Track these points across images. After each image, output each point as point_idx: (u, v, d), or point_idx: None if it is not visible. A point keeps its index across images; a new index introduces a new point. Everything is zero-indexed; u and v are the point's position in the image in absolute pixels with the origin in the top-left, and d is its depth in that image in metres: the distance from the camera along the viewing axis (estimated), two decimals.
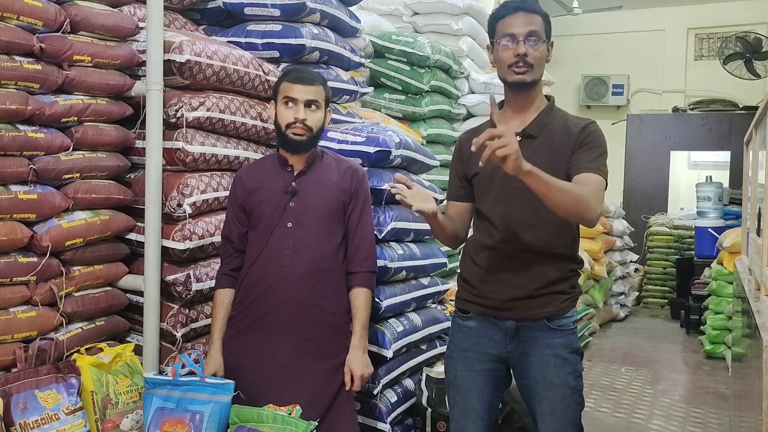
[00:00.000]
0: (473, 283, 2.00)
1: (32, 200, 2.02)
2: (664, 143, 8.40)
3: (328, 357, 2.16)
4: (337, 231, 2.20)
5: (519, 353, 1.95)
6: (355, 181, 2.24)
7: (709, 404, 4.23)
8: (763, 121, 2.51)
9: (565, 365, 1.92)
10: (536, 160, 1.86)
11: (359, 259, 2.23)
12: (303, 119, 2.11)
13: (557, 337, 1.92)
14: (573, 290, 1.97)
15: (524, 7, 1.91)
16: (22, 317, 2.02)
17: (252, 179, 2.21)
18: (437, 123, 4.02)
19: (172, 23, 2.66)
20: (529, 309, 1.92)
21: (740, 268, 3.37)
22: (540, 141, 1.92)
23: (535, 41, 1.89)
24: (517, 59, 1.88)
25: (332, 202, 2.18)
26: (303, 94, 2.13)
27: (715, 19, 9.00)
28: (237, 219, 2.22)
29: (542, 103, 1.98)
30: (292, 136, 2.13)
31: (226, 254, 2.25)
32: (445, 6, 4.31)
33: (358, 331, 2.19)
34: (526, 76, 1.90)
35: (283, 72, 2.33)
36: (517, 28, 1.89)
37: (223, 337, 2.18)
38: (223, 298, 2.21)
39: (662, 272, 7.71)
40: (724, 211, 6.52)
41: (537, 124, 1.94)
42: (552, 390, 1.91)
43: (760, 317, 1.91)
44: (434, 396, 2.74)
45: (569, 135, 1.91)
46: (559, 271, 1.93)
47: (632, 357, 5.37)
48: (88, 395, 2.08)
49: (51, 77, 2.07)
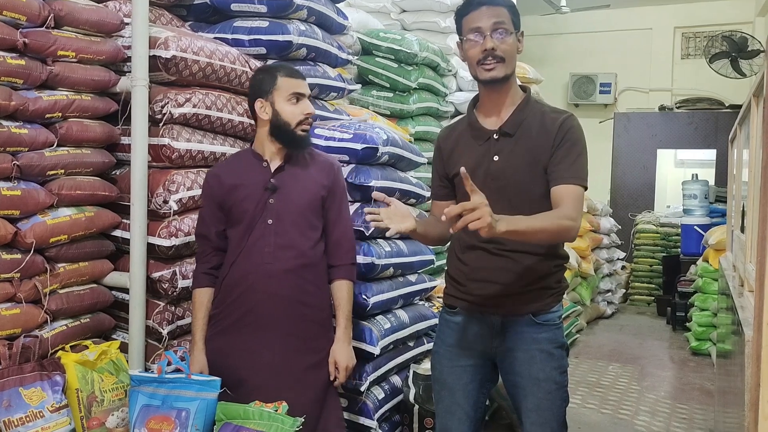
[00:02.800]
0: (459, 280, 2.01)
1: (16, 196, 2.01)
2: (651, 141, 8.45)
3: (313, 352, 2.16)
4: (317, 225, 2.20)
5: (505, 349, 1.95)
6: (332, 175, 2.24)
7: (694, 400, 4.27)
8: (746, 120, 2.53)
9: (550, 360, 1.92)
10: (514, 158, 1.89)
11: (340, 252, 2.24)
12: (313, 113, 2.16)
13: (543, 332, 1.93)
14: (559, 285, 1.98)
15: (488, 1, 1.87)
16: (6, 314, 2.00)
17: (230, 177, 2.17)
18: (425, 120, 4.03)
19: (158, 19, 2.65)
20: (515, 305, 1.92)
21: (725, 264, 3.40)
22: (517, 139, 1.90)
23: (503, 33, 1.85)
24: (485, 54, 1.85)
25: (312, 198, 2.17)
26: (306, 88, 2.16)
27: (701, 18, 9.05)
28: (215, 217, 2.18)
29: (518, 97, 1.95)
30: (302, 133, 2.13)
31: (203, 253, 2.22)
32: (432, 3, 4.32)
33: (343, 323, 2.20)
34: (497, 71, 1.87)
35: (267, 69, 2.22)
36: (482, 21, 1.85)
37: (205, 337, 2.17)
38: (203, 297, 2.19)
39: (649, 269, 7.77)
40: (709, 209, 6.57)
41: (513, 121, 1.91)
42: (537, 385, 1.91)
43: (744, 313, 1.93)
44: (421, 393, 2.74)
45: (546, 132, 1.89)
46: (545, 267, 1.94)
47: (619, 354, 5.41)
48: (73, 393, 2.06)
49: (35, 72, 2.05)
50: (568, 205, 1.80)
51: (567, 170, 1.84)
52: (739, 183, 3.19)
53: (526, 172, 1.88)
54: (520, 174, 1.88)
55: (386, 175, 2.77)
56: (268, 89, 2.13)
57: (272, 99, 2.12)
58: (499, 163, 1.90)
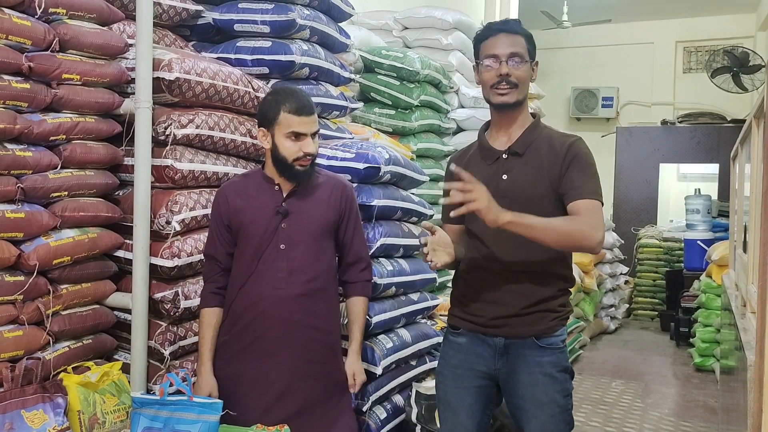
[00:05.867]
0: (463, 301, 2.02)
1: (20, 219, 2.01)
2: (653, 156, 8.46)
3: (321, 377, 2.16)
4: (329, 248, 2.20)
5: (507, 371, 1.95)
6: (345, 198, 2.23)
7: (698, 417, 4.24)
8: (747, 139, 2.53)
9: (553, 383, 1.92)
10: (522, 177, 1.92)
11: (356, 270, 2.28)
12: (314, 153, 2.10)
13: (546, 356, 1.93)
14: (563, 309, 1.98)
15: (506, 29, 1.94)
16: (8, 336, 2.00)
17: (237, 197, 2.16)
18: (427, 137, 4.04)
19: (161, 39, 2.67)
20: (518, 327, 1.93)
21: (728, 283, 3.40)
22: (526, 158, 1.94)
23: (518, 62, 1.91)
24: (499, 79, 1.91)
25: (324, 222, 2.17)
26: (309, 126, 2.09)
27: (703, 33, 9.09)
28: (223, 238, 2.17)
29: (527, 121, 2.00)
30: (300, 168, 2.10)
31: (211, 272, 2.20)
32: (434, 21, 4.34)
33: (358, 337, 2.26)
34: (509, 97, 1.92)
35: (274, 98, 2.12)
36: (499, 48, 1.91)
37: (212, 358, 2.15)
38: (211, 317, 2.17)
39: (652, 284, 7.74)
40: (712, 224, 6.56)
41: (522, 142, 1.96)
42: (540, 408, 1.91)
43: (746, 335, 1.93)
44: (424, 412, 2.73)
45: (555, 153, 1.92)
46: (549, 289, 1.94)
47: (622, 370, 5.39)
48: (75, 415, 2.06)
49: (39, 96, 2.07)
50: (586, 214, 1.82)
51: (581, 187, 1.87)
52: (741, 199, 3.19)
53: (534, 190, 1.90)
54: (528, 191, 1.90)
55: (388, 194, 2.77)
56: (270, 120, 2.09)
57: (273, 131, 2.09)
58: (507, 182, 1.93)
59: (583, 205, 1.85)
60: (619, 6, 8.61)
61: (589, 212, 1.83)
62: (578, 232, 1.78)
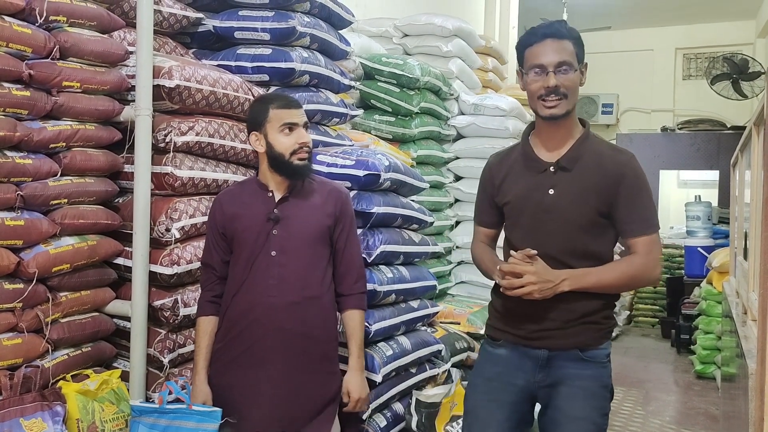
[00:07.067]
0: (504, 312, 1.95)
1: (19, 226, 2.01)
2: (654, 162, 8.46)
3: (317, 385, 2.13)
4: (324, 255, 2.16)
5: (548, 383, 1.88)
6: (339, 203, 2.19)
7: (699, 425, 4.23)
8: (747, 146, 2.53)
9: (592, 400, 1.84)
10: (570, 194, 1.85)
11: (350, 281, 2.21)
12: (309, 142, 2.10)
13: (588, 369, 1.86)
14: (607, 321, 1.90)
15: (552, 34, 1.80)
16: (7, 344, 2.00)
17: (232, 205, 2.15)
18: (427, 144, 4.04)
19: (162, 47, 2.67)
20: (561, 339, 1.86)
21: (728, 290, 3.39)
22: (574, 174, 1.85)
23: (567, 70, 1.79)
24: (548, 90, 1.79)
25: (317, 228, 2.13)
26: (300, 117, 2.11)
27: (702, 40, 9.11)
28: (218, 246, 2.16)
29: (577, 131, 1.90)
30: (299, 162, 2.08)
31: (208, 281, 2.19)
32: (434, 28, 4.35)
33: (356, 352, 2.19)
34: (558, 109, 1.81)
35: (260, 102, 2.17)
36: (546, 57, 1.79)
37: (207, 367, 2.14)
38: (207, 325, 2.16)
39: (653, 291, 7.73)
40: (713, 231, 6.56)
41: (572, 156, 1.86)
42: (575, 423, 1.83)
43: (747, 343, 1.92)
44: (424, 420, 2.72)
45: (605, 173, 1.84)
46: (593, 303, 1.86)
47: (624, 377, 5.37)
48: (74, 423, 2.05)
49: (39, 103, 2.07)
50: (645, 252, 1.83)
51: (639, 222, 1.84)
52: (741, 207, 3.19)
53: (581, 209, 1.84)
54: (574, 212, 1.84)
55: (388, 201, 2.77)
56: (261, 121, 2.09)
57: (265, 131, 2.09)
58: (553, 197, 1.86)
59: (642, 243, 1.82)
60: (618, 13, 8.63)
61: (650, 249, 1.83)
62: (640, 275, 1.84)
